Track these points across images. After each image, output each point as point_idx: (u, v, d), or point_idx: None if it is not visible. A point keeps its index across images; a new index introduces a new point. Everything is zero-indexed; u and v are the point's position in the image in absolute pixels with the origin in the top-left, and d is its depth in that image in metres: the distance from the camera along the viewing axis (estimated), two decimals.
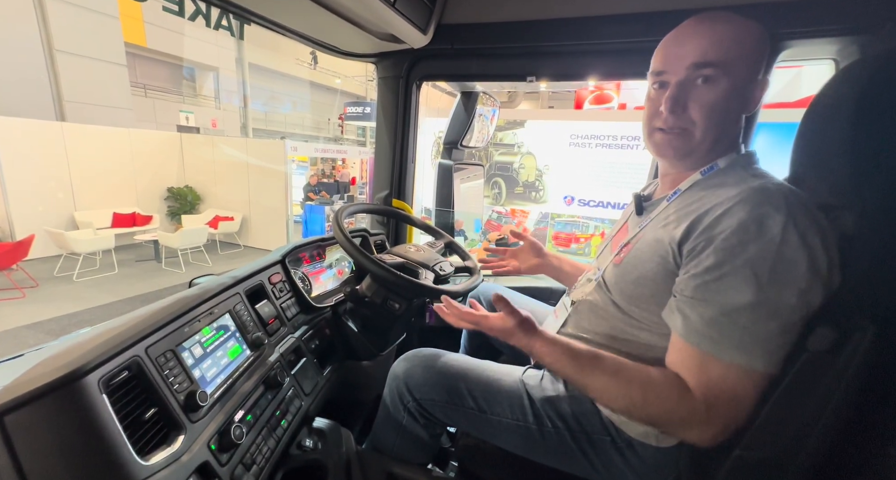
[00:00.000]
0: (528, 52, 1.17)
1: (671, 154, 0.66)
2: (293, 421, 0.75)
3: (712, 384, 0.51)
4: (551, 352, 0.61)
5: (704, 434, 0.53)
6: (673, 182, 0.69)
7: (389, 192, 1.47)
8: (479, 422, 0.76)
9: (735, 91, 0.59)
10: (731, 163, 0.63)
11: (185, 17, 7.24)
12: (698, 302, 0.53)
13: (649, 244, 0.62)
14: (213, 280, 0.77)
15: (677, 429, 0.56)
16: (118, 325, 0.54)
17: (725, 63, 0.58)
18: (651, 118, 0.66)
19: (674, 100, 0.62)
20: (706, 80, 0.59)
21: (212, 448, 0.55)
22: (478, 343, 1.19)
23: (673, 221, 0.60)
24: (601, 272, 0.73)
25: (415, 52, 1.25)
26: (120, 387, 0.48)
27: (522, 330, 0.64)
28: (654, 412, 0.54)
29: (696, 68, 0.59)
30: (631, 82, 6.35)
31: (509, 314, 0.65)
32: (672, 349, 0.57)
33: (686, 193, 0.64)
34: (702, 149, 0.63)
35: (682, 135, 0.63)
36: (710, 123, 0.61)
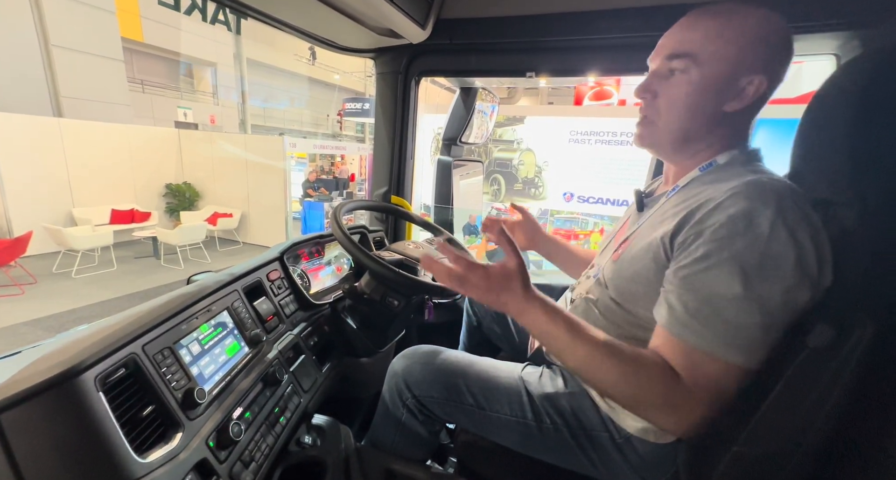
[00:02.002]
0: (528, 47, 1.16)
1: (637, 142, 0.68)
2: (292, 418, 0.75)
3: (696, 373, 0.51)
4: (547, 312, 0.56)
5: (682, 422, 0.52)
6: (673, 178, 0.69)
7: (388, 189, 1.46)
8: (478, 419, 0.76)
9: (711, 85, 0.58)
10: (730, 160, 0.62)
11: (181, 11, 7.17)
12: (684, 293, 0.53)
13: (645, 240, 0.62)
14: (210, 277, 0.77)
15: (659, 413, 0.53)
16: (115, 322, 0.54)
17: (698, 56, 0.58)
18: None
19: (644, 87, 0.63)
20: (675, 71, 0.60)
21: (210, 445, 0.55)
22: (477, 339, 1.19)
23: (669, 217, 0.60)
24: (601, 269, 0.73)
25: (413, 47, 1.24)
26: (117, 385, 0.48)
27: (522, 278, 0.57)
28: (643, 393, 0.52)
29: (669, 59, 0.60)
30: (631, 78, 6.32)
31: (511, 253, 0.58)
32: (655, 337, 0.56)
33: (684, 190, 0.63)
34: (666, 142, 0.64)
35: (645, 125, 0.65)
36: (673, 116, 0.61)
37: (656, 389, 0.52)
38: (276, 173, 6.61)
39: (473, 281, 0.57)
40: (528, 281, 0.58)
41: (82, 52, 7.27)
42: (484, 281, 0.57)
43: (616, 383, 0.53)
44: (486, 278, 0.57)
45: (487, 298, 0.58)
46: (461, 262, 0.58)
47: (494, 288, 0.57)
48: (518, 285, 0.57)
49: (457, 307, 1.43)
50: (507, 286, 0.57)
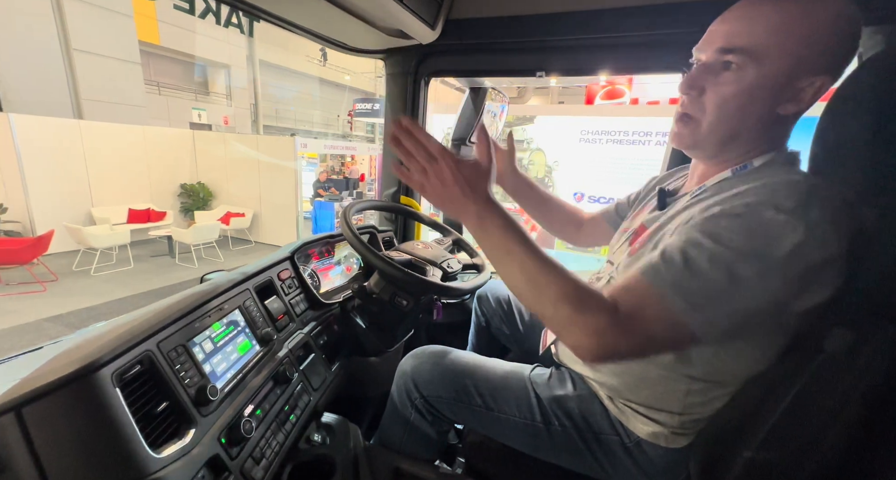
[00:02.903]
0: (538, 46, 1.16)
1: (676, 143, 0.62)
2: (302, 416, 0.75)
3: (635, 308, 0.49)
4: (505, 220, 0.54)
5: (600, 351, 0.50)
6: (700, 177, 0.65)
7: (398, 189, 1.47)
8: (487, 420, 0.75)
9: (768, 85, 0.52)
10: (767, 163, 0.57)
11: (196, 14, 7.32)
12: (670, 242, 0.52)
13: (666, 237, 0.59)
14: (223, 276, 0.78)
15: (581, 336, 0.50)
16: (131, 320, 0.55)
17: (758, 51, 0.51)
18: (679, 103, 0.62)
19: (690, 81, 0.57)
20: (728, 68, 0.53)
21: (222, 441, 0.56)
22: (485, 340, 1.19)
23: (692, 213, 0.57)
24: (615, 269, 0.71)
25: (423, 47, 1.24)
26: (133, 381, 0.49)
27: (489, 181, 0.56)
28: (578, 315, 0.50)
29: (723, 53, 0.54)
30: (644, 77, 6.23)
31: (486, 154, 0.57)
32: (625, 275, 0.54)
33: (710, 189, 0.60)
34: (708, 144, 0.59)
35: (688, 123, 0.59)
36: (720, 117, 0.56)
37: (589, 313, 0.49)
38: (287, 173, 6.70)
39: (441, 166, 0.55)
40: (492, 187, 0.57)
41: (102, 55, 7.47)
42: (452, 169, 0.55)
43: (556, 300, 0.51)
44: (455, 167, 0.55)
45: (451, 190, 0.55)
46: (435, 144, 0.56)
47: (460, 181, 0.55)
48: (485, 185, 0.56)
49: (465, 307, 1.43)
50: (474, 183, 0.55)
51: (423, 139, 0.56)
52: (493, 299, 1.15)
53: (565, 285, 0.51)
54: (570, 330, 0.51)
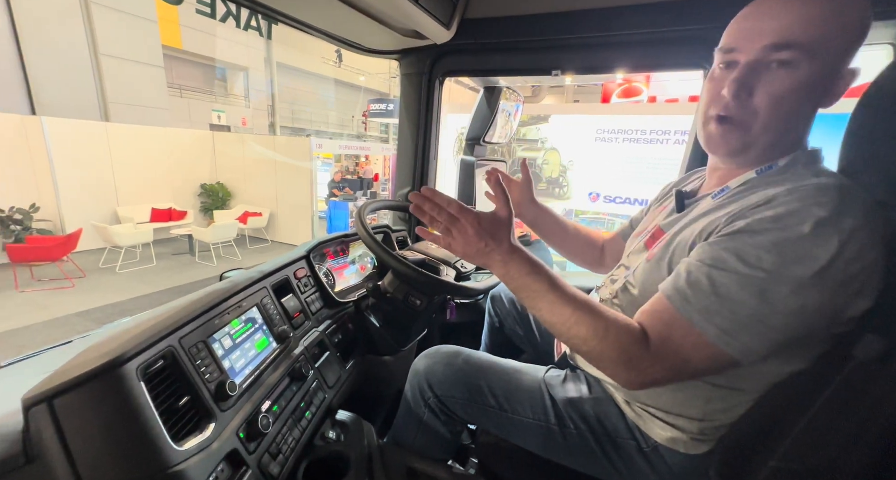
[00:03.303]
0: (553, 44, 1.14)
1: (722, 149, 0.58)
2: (317, 413, 0.76)
3: (666, 337, 0.49)
4: (530, 265, 0.57)
5: (636, 379, 0.51)
6: (722, 178, 0.63)
7: (412, 189, 1.48)
8: (500, 421, 0.75)
9: (817, 81, 0.50)
10: (791, 161, 0.55)
11: (217, 18, 7.51)
12: (694, 262, 0.51)
13: (685, 240, 0.58)
14: (241, 274, 0.80)
15: (616, 367, 0.52)
16: (155, 316, 0.57)
17: (812, 45, 0.48)
18: (709, 104, 0.58)
19: (739, 83, 0.53)
20: (783, 65, 0.50)
21: (240, 436, 0.57)
22: (498, 340, 1.18)
23: (714, 217, 0.56)
24: (631, 272, 0.70)
25: (438, 47, 1.24)
26: (156, 375, 0.51)
27: (510, 229, 0.59)
28: (608, 349, 0.51)
29: (774, 50, 0.50)
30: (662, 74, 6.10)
31: (504, 204, 0.60)
32: (650, 300, 0.55)
33: (735, 191, 0.58)
34: (758, 147, 0.55)
35: (738, 128, 0.55)
36: (775, 117, 0.52)
37: (619, 346, 0.51)
38: (303, 173, 6.81)
39: (463, 224, 0.58)
40: (513, 234, 0.59)
41: (127, 59, 7.73)
42: (474, 225, 0.58)
43: (586, 338, 0.53)
44: (476, 223, 0.58)
45: (475, 245, 0.58)
46: (455, 204, 0.59)
47: (483, 235, 0.58)
48: (506, 235, 0.58)
49: (478, 307, 1.42)
50: (496, 234, 0.58)
51: (443, 202, 0.59)
52: (506, 299, 1.15)
53: (594, 321, 0.52)
54: (605, 363, 0.53)
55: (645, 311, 0.54)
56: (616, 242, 0.94)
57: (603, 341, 0.51)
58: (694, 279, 0.49)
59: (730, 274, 0.47)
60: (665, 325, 0.50)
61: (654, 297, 0.54)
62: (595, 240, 1.00)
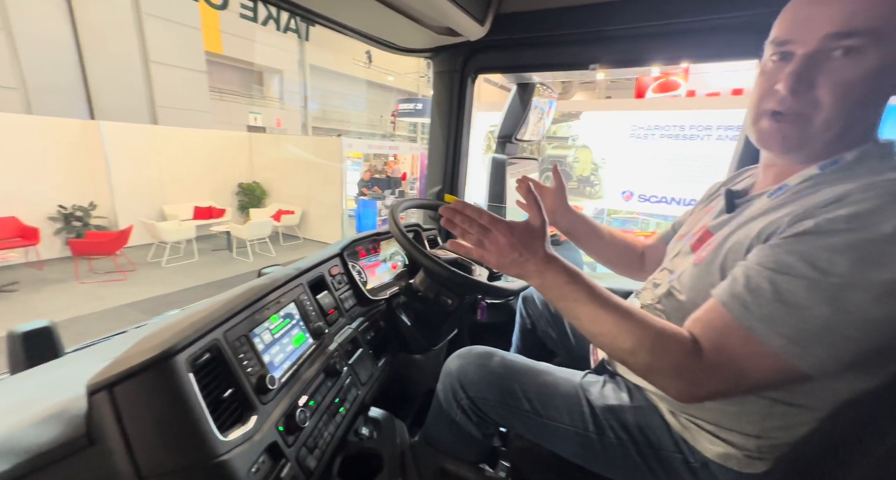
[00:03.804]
0: (591, 37, 1.10)
1: (778, 145, 0.55)
2: (351, 409, 0.77)
3: (722, 347, 0.46)
4: (568, 274, 0.55)
5: (689, 392, 0.48)
6: (778, 175, 0.58)
7: (442, 187, 1.47)
8: (534, 426, 0.73)
9: (888, 68, 0.46)
10: (862, 155, 0.50)
11: (259, 22, 7.84)
12: (753, 266, 0.46)
13: (740, 242, 0.54)
14: (279, 270, 0.82)
15: (667, 380, 0.49)
16: (201, 310, 0.59)
17: (879, 29, 0.45)
18: (762, 98, 0.55)
19: (797, 76, 0.49)
20: (848, 53, 0.46)
21: (279, 429, 0.59)
22: (530, 342, 1.16)
23: (773, 216, 0.51)
24: (676, 276, 0.66)
25: (471, 44, 1.23)
26: (203, 367, 0.53)
27: (545, 238, 0.57)
28: (657, 360, 0.49)
29: (836, 38, 0.47)
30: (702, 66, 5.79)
31: (537, 212, 0.58)
32: (703, 306, 0.51)
33: (795, 189, 0.53)
34: (820, 141, 0.51)
35: (797, 122, 0.51)
36: (841, 109, 0.48)
37: (672, 358, 0.48)
38: (333, 172, 6.98)
39: (495, 235, 0.57)
40: (548, 243, 0.58)
41: (174, 66, 8.21)
42: (507, 236, 0.56)
43: (632, 350, 0.50)
44: (509, 233, 0.56)
45: (509, 256, 0.57)
46: (486, 216, 0.58)
47: (516, 246, 0.56)
48: (540, 244, 0.57)
49: (509, 308, 1.40)
50: (530, 244, 0.56)
51: (474, 214, 0.58)
52: (538, 301, 1.12)
53: (640, 332, 0.50)
54: (653, 376, 0.50)
55: (697, 319, 0.50)
56: (658, 248, 0.89)
57: (651, 352, 0.49)
58: (754, 284, 0.45)
59: (797, 279, 0.43)
60: (720, 334, 0.47)
61: (706, 304, 0.51)
62: (633, 245, 0.95)
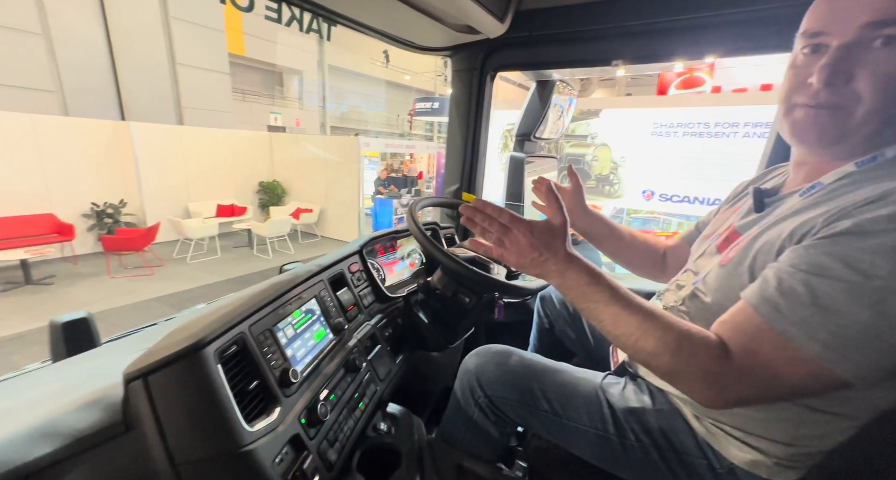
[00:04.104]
0: (613, 33, 1.08)
1: (813, 138, 0.52)
2: (369, 404, 0.78)
3: (753, 351, 0.44)
4: (589, 273, 0.54)
5: (717, 398, 0.46)
6: (811, 173, 0.56)
7: (460, 186, 1.47)
8: (553, 426, 0.73)
9: None
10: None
11: (283, 23, 7.99)
12: (785, 268, 0.45)
13: (771, 243, 0.52)
14: (301, 267, 0.84)
15: (693, 384, 0.47)
16: (227, 304, 0.61)
17: None
18: (793, 91, 0.53)
19: (832, 68, 0.48)
20: (889, 43, 0.44)
21: (302, 422, 0.60)
22: (548, 342, 1.15)
23: (807, 216, 0.49)
24: (701, 278, 0.64)
25: (490, 42, 1.22)
26: (230, 359, 0.55)
27: (566, 237, 0.56)
28: (683, 364, 0.47)
29: (875, 28, 0.45)
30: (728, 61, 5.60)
31: (557, 211, 0.58)
32: (731, 309, 0.49)
33: (829, 187, 0.51)
34: (858, 136, 0.49)
35: (834, 114, 0.49)
36: (882, 102, 0.46)
37: (698, 362, 0.46)
38: (351, 171, 7.07)
39: (515, 234, 0.57)
40: (569, 243, 0.57)
41: (199, 67, 8.46)
42: (526, 235, 0.56)
43: (655, 352, 0.48)
44: (529, 232, 0.56)
45: (529, 256, 0.56)
46: (506, 214, 0.58)
47: (537, 245, 0.56)
48: (561, 244, 0.56)
49: (527, 308, 1.39)
50: (550, 244, 0.56)
51: (494, 213, 0.58)
52: (557, 301, 1.11)
53: (664, 334, 0.48)
54: (678, 380, 0.49)
55: (725, 322, 0.49)
56: (681, 249, 0.87)
57: (676, 355, 0.47)
58: (787, 287, 0.44)
59: (834, 281, 0.41)
60: (751, 338, 0.45)
61: (735, 307, 0.49)
62: (654, 246, 0.93)
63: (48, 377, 0.64)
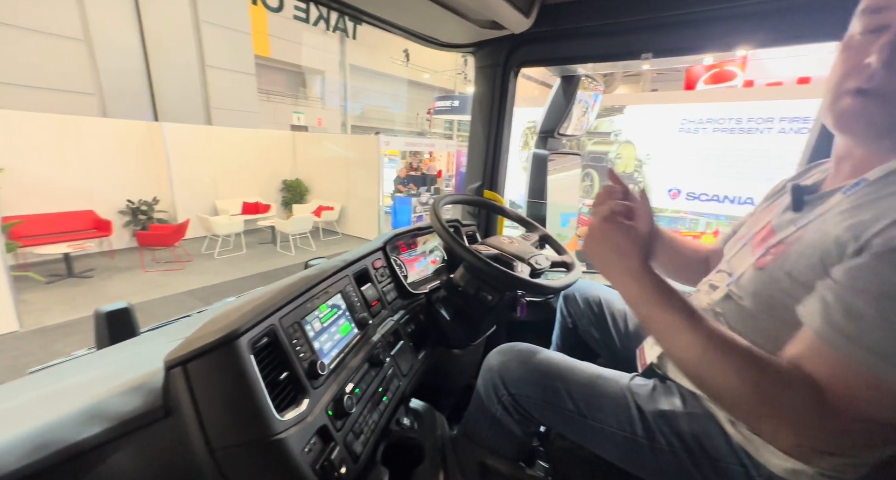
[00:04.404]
0: (644, 25, 1.05)
1: (860, 128, 0.50)
2: (393, 399, 0.79)
3: (842, 388, 0.40)
4: (659, 284, 0.51)
5: (807, 443, 0.41)
6: (855, 169, 0.53)
7: (482, 183, 1.46)
8: (578, 426, 0.71)
9: None
10: None
11: (310, 22, 8.15)
12: (847, 289, 0.41)
13: (812, 246, 0.49)
14: (326, 262, 0.86)
15: (780, 427, 0.42)
16: (258, 296, 0.63)
17: None
18: (845, 76, 0.50)
19: (893, 53, 0.44)
20: None
21: (329, 413, 0.61)
22: (571, 342, 1.13)
23: (853, 216, 0.46)
24: (735, 277, 0.61)
25: (515, 37, 1.21)
26: (262, 350, 0.56)
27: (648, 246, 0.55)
28: (766, 402, 0.42)
29: None
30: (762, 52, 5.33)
31: (650, 216, 0.57)
32: (796, 342, 0.45)
33: (876, 185, 0.48)
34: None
35: (886, 103, 0.46)
36: None
37: (785, 400, 0.41)
38: (371, 169, 7.15)
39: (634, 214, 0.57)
40: (649, 255, 0.54)
41: (227, 69, 8.73)
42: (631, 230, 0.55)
43: (735, 387, 0.44)
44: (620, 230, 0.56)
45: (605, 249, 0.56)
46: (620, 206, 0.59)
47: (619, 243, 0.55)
48: (636, 252, 0.54)
49: (549, 306, 1.37)
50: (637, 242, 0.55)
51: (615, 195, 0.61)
52: (581, 300, 1.09)
53: (740, 367, 0.44)
54: (761, 424, 0.44)
55: (802, 356, 0.44)
56: (721, 254, 0.81)
57: (760, 394, 0.42)
58: (856, 311, 0.40)
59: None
60: (835, 372, 0.41)
61: (801, 335, 0.45)
62: (697, 250, 0.89)
63: (94, 362, 0.67)
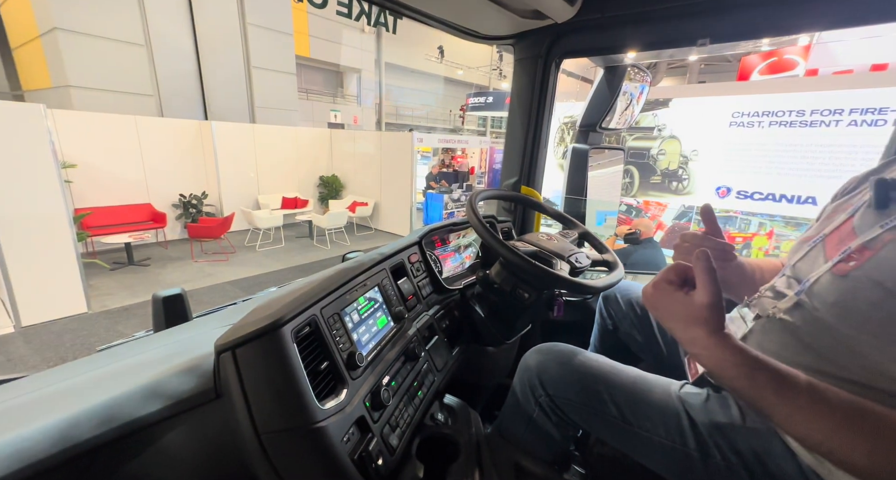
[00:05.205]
0: (702, 8, 0.97)
1: None
2: (428, 394, 0.79)
3: None
4: (737, 354, 0.45)
5: None
6: None
7: (518, 179, 1.43)
8: (622, 434, 0.68)
9: None
10: None
11: (352, 17, 8.31)
12: None
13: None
14: (363, 256, 0.86)
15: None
16: (299, 287, 0.64)
17: None
18: None
19: None
20: None
21: (366, 405, 0.62)
22: (610, 344, 1.08)
23: None
24: (807, 284, 0.55)
25: (557, 27, 1.16)
26: (304, 340, 0.58)
27: (715, 319, 0.46)
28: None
29: None
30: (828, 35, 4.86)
31: (710, 285, 0.47)
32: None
33: None
34: None
35: None
36: None
37: None
38: (404, 166, 7.23)
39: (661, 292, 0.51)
40: (721, 323, 0.47)
41: (270, 69, 9.12)
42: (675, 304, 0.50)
43: (860, 457, 0.39)
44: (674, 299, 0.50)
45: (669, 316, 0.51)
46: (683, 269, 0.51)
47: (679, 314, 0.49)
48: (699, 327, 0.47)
49: (587, 307, 1.32)
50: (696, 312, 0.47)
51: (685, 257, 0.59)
52: (622, 301, 1.04)
53: (861, 438, 0.40)
54: None
55: None
56: None
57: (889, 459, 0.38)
58: None
59: None
60: None
61: None
62: (772, 271, 0.77)
63: (150, 344, 0.72)
